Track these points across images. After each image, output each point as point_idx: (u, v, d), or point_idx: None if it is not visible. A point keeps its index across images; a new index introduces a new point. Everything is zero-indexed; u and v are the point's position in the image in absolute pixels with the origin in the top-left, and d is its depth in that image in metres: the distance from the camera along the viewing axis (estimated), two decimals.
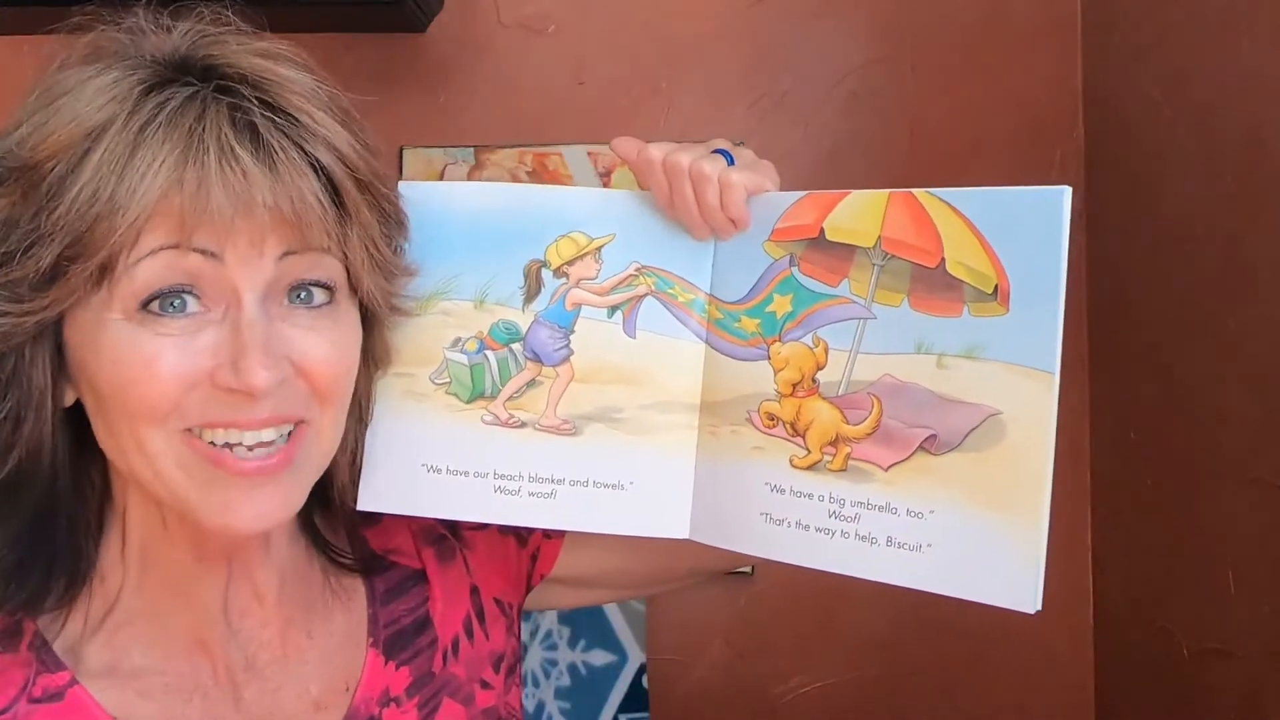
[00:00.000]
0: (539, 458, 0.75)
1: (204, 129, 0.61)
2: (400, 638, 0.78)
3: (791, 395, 0.72)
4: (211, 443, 0.63)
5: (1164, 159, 1.22)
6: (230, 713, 0.71)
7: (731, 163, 0.74)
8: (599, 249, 0.76)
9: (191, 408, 0.63)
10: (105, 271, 0.61)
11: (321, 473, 0.70)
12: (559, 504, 0.75)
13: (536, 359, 0.75)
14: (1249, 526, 1.09)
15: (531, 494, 0.75)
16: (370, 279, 0.68)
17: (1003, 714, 1.41)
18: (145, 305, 0.62)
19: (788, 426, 0.72)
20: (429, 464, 0.75)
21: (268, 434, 0.64)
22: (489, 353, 0.75)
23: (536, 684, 1.20)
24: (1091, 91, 1.38)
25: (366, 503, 0.75)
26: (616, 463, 0.75)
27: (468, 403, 0.75)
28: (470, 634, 0.81)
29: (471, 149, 1.35)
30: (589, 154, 1.36)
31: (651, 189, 0.74)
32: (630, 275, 0.75)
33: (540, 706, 1.19)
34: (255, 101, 0.63)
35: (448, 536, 0.83)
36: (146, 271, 0.61)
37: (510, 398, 0.75)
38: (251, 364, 0.61)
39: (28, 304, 0.61)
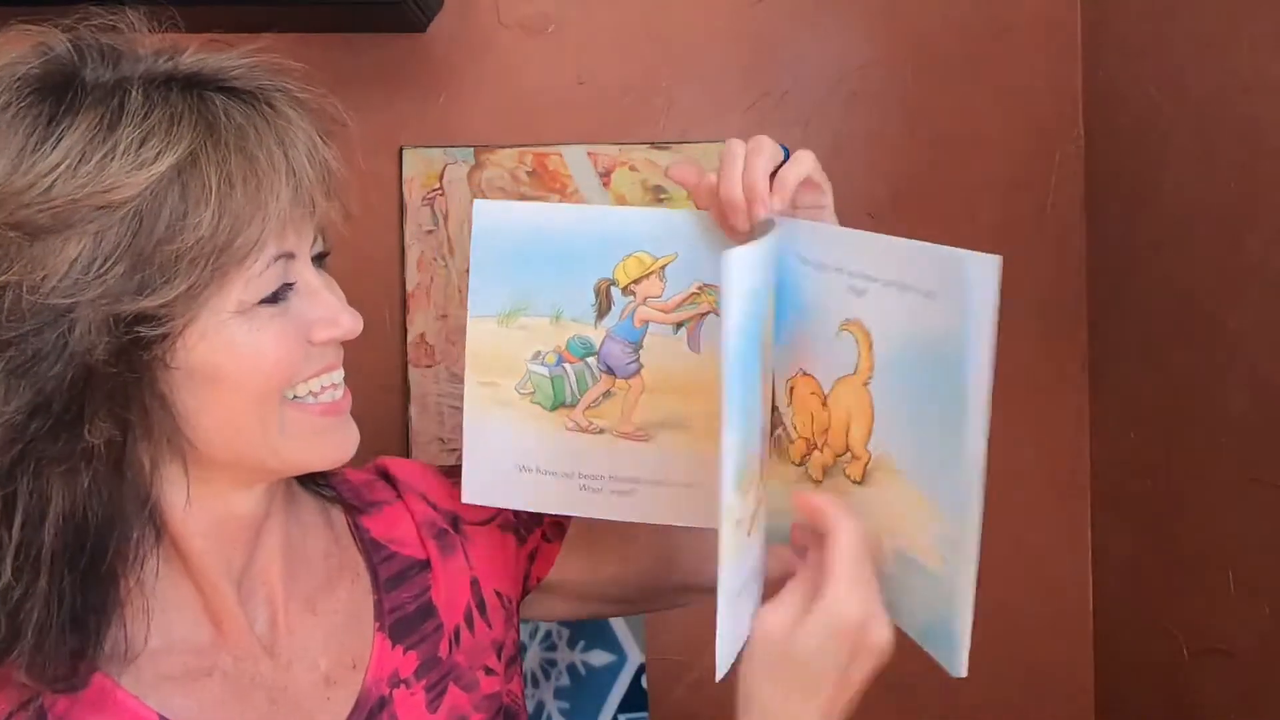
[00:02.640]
0: (619, 460, 0.81)
1: (288, 141, 0.68)
2: (405, 623, 0.80)
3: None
4: (306, 401, 0.71)
5: (1164, 159, 1.22)
6: (249, 688, 0.73)
7: (788, 156, 0.76)
8: (663, 268, 0.80)
9: (301, 370, 0.71)
10: (226, 281, 0.66)
11: None
12: (638, 500, 0.81)
13: (610, 372, 0.81)
14: (1249, 526, 1.09)
15: (613, 491, 0.81)
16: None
17: (1003, 714, 1.41)
18: (259, 303, 0.68)
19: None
20: (522, 464, 0.81)
21: (342, 371, 0.74)
22: (567, 365, 0.81)
23: (536, 684, 1.20)
24: (1091, 91, 1.38)
25: (470, 497, 0.82)
26: (687, 464, 0.80)
27: (551, 410, 0.81)
28: (471, 624, 0.83)
29: (471, 149, 1.35)
30: (589, 154, 1.36)
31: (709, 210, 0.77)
32: (693, 294, 0.80)
33: (540, 707, 1.19)
34: (281, 105, 0.70)
35: (449, 530, 0.85)
36: (268, 280, 0.68)
37: (589, 407, 0.81)
38: (346, 315, 0.72)
39: (171, 322, 0.65)
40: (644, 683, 1.22)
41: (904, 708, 1.41)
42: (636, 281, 0.81)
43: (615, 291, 0.80)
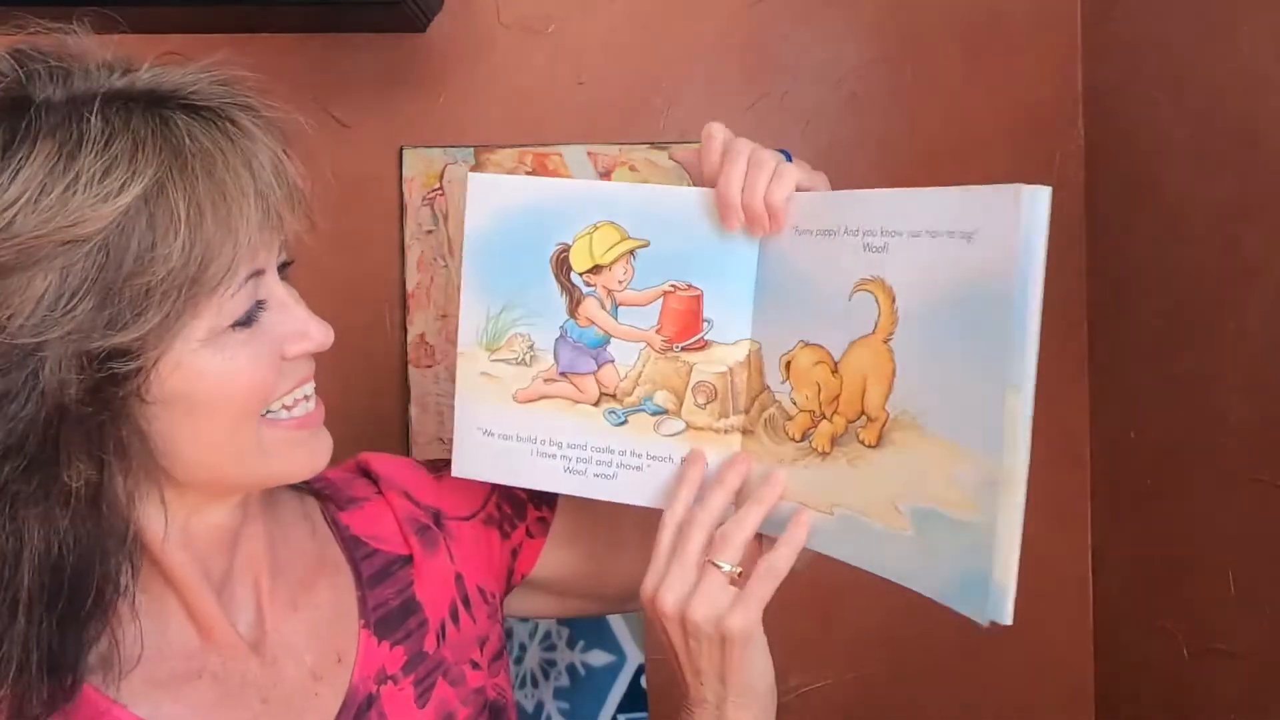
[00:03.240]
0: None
1: (255, 162, 0.66)
2: (390, 619, 0.80)
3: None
4: (279, 417, 0.71)
5: (1164, 159, 1.22)
6: (240, 688, 0.73)
7: (789, 160, 0.76)
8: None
9: (273, 389, 0.70)
10: (198, 310, 0.65)
11: None
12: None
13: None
14: (1249, 526, 1.09)
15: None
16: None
17: (1003, 713, 1.41)
18: (230, 327, 0.67)
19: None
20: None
21: (313, 383, 0.74)
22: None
23: (535, 684, 1.20)
24: (1091, 91, 1.38)
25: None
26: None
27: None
28: (456, 619, 0.83)
29: (471, 149, 1.35)
30: (589, 154, 1.36)
31: (703, 161, 0.77)
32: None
33: (539, 707, 1.19)
34: (245, 122, 0.67)
35: (431, 526, 0.85)
36: (237, 302, 0.66)
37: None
38: (315, 326, 0.71)
39: (144, 355, 0.63)
40: (644, 683, 1.21)
41: (904, 707, 1.41)
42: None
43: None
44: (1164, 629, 1.24)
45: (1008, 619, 0.65)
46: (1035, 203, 0.62)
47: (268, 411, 0.70)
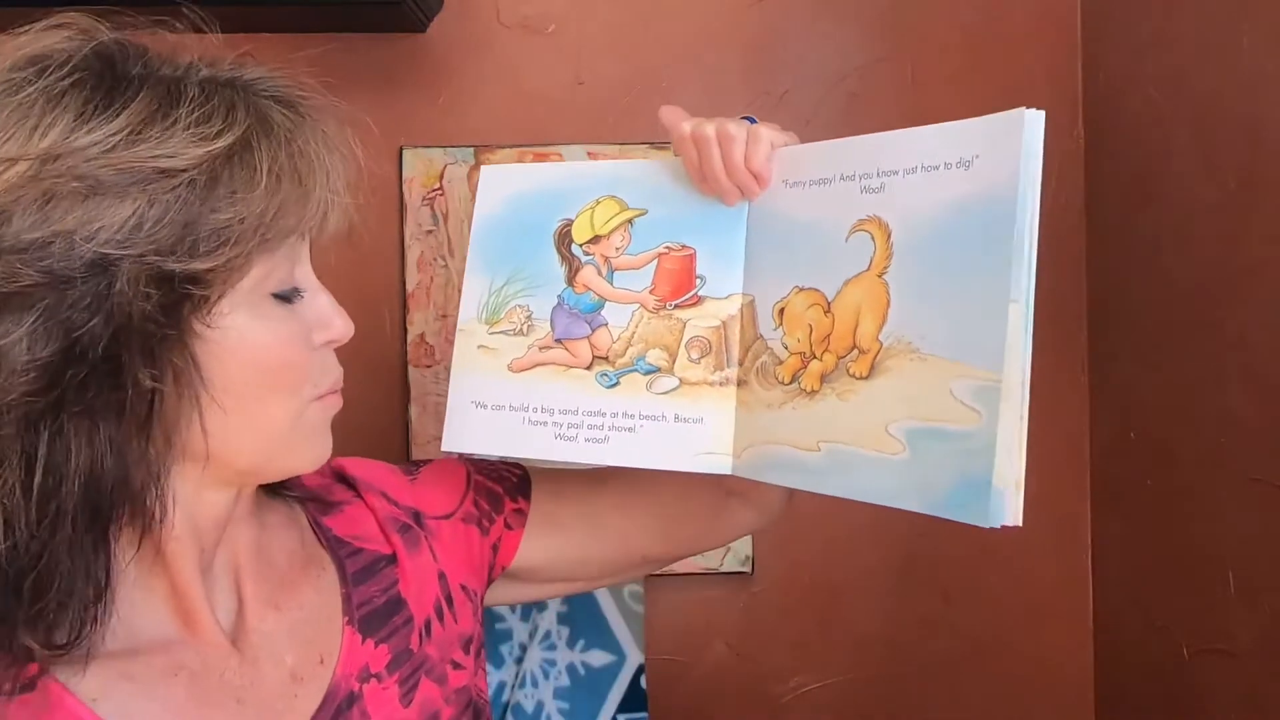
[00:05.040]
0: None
1: (328, 146, 0.72)
2: (375, 617, 0.80)
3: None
4: (321, 401, 0.74)
5: (1164, 159, 1.22)
6: (215, 687, 0.72)
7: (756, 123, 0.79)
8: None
9: (315, 374, 0.73)
10: (259, 262, 0.69)
11: None
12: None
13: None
14: (1249, 526, 1.09)
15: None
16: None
17: (1003, 713, 1.41)
18: (273, 296, 0.71)
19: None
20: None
21: None
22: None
23: (535, 684, 1.20)
24: (1091, 91, 1.38)
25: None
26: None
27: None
28: (440, 617, 0.84)
29: (471, 149, 1.35)
30: (589, 154, 1.36)
31: (676, 151, 0.81)
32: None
33: (539, 707, 1.19)
34: (315, 111, 0.74)
35: (412, 526, 0.86)
36: (290, 263, 0.72)
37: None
38: (339, 317, 0.75)
39: (205, 289, 0.67)
40: (644, 683, 1.22)
41: (904, 707, 1.41)
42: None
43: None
44: (1164, 629, 1.24)
45: (1016, 519, 0.66)
46: (1035, 125, 0.66)
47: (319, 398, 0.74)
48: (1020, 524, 0.65)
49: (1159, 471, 1.25)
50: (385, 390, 1.36)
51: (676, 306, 0.81)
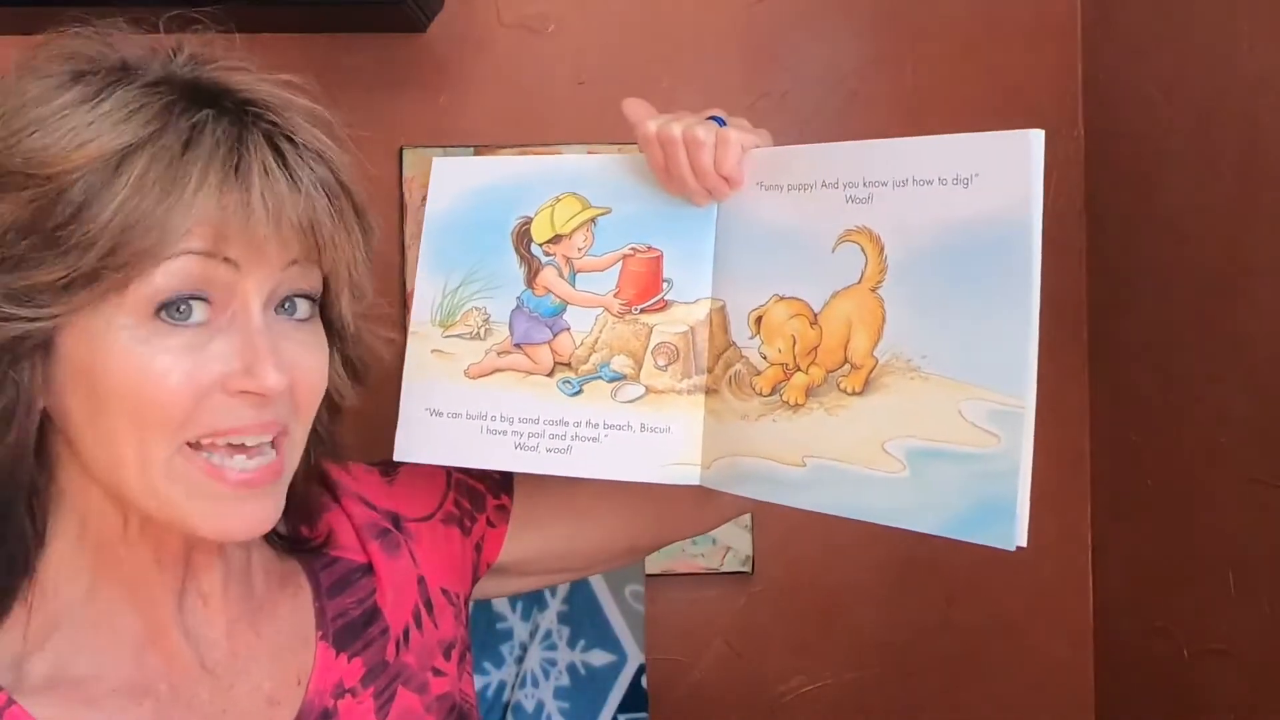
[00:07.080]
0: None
1: (246, 150, 0.64)
2: (350, 629, 0.78)
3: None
4: (209, 457, 0.65)
5: (1164, 159, 1.22)
6: (183, 713, 0.70)
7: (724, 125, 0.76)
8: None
9: (202, 416, 0.64)
10: (129, 278, 0.62)
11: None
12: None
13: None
14: (1249, 526, 1.09)
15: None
16: (345, 296, 0.72)
17: (1003, 714, 1.41)
18: (158, 311, 0.63)
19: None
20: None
21: (265, 437, 0.67)
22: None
23: (536, 684, 1.20)
24: (1091, 91, 1.38)
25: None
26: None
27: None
28: (420, 624, 0.81)
29: (471, 149, 1.35)
30: (589, 154, 1.36)
31: (643, 152, 0.77)
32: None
33: (539, 707, 1.19)
34: (276, 126, 0.66)
35: (391, 530, 0.83)
36: (168, 276, 0.63)
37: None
38: (268, 368, 0.64)
39: (44, 309, 0.62)
40: (644, 683, 1.22)
41: (904, 707, 1.41)
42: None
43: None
44: (1164, 629, 1.24)
45: (1022, 540, 0.65)
46: (1038, 145, 0.65)
47: (197, 443, 0.65)
48: (1025, 545, 0.65)
49: (1159, 472, 1.25)
50: (385, 390, 1.36)
51: (642, 311, 0.77)
